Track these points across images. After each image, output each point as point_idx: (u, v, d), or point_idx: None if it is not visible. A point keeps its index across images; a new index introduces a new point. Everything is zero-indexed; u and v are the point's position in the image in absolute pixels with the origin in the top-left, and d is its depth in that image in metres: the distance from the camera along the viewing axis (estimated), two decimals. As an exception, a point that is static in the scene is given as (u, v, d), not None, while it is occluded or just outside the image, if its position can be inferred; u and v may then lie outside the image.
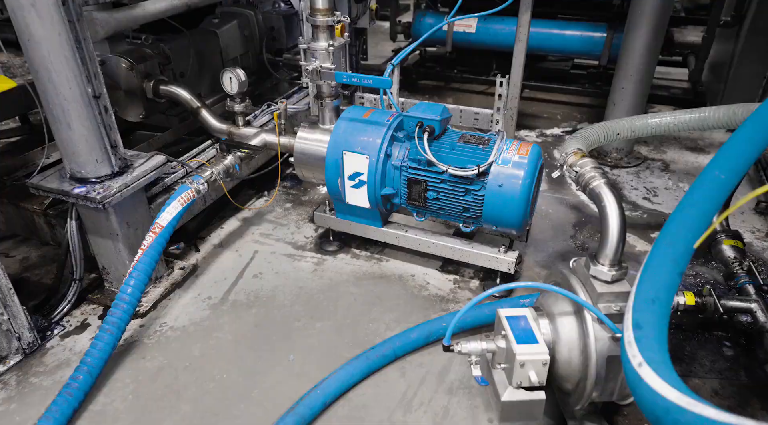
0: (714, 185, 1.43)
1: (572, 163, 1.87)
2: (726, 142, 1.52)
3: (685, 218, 1.39)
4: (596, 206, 1.74)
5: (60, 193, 2.22)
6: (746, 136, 1.50)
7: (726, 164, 1.45)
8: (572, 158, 1.88)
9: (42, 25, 1.90)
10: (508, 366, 1.70)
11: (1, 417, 2.01)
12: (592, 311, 1.62)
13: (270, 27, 3.89)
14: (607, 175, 1.83)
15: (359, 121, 2.50)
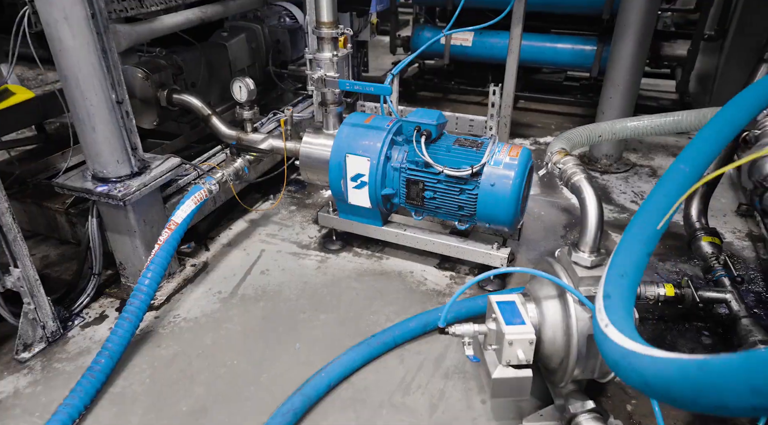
0: (678, 177, 1.60)
1: (556, 161, 2.04)
2: (691, 140, 1.69)
3: (653, 206, 1.56)
4: (577, 199, 1.91)
5: (84, 192, 2.39)
6: (707, 135, 1.68)
7: (689, 159, 1.63)
8: (556, 156, 2.06)
9: (73, 37, 2.09)
10: (498, 347, 1.86)
11: (28, 399, 2.16)
12: (574, 293, 1.78)
13: (276, 40, 4.10)
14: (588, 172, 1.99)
15: (361, 126, 2.69)
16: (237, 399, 2.16)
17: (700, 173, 1.62)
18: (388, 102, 2.77)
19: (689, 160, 1.62)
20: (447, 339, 2.44)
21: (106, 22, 2.17)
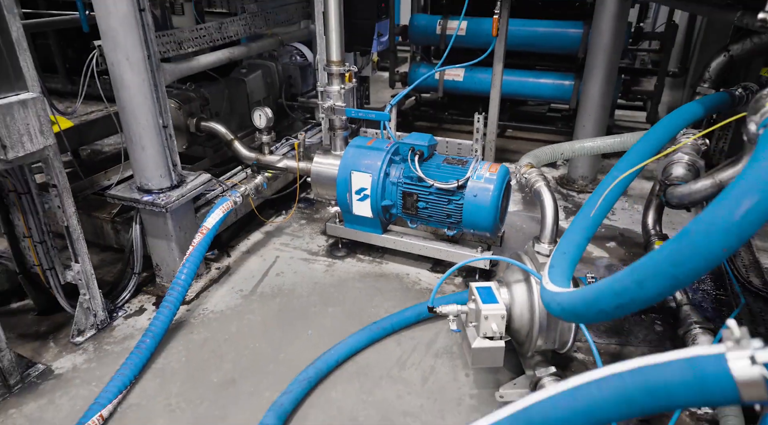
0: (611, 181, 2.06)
1: (523, 172, 2.51)
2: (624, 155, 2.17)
3: (590, 203, 2.01)
4: (537, 201, 2.37)
5: (132, 201, 2.85)
6: (636, 150, 2.15)
7: (621, 169, 2.09)
8: (524, 168, 2.52)
9: (132, 73, 2.58)
10: (477, 322, 2.28)
11: (85, 372, 2.56)
12: (535, 276, 2.21)
13: (288, 76, 4.63)
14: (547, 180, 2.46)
15: (364, 148, 3.16)
16: (259, 373, 2.57)
17: (631, 178, 2.08)
18: (387, 127, 3.26)
19: (621, 169, 2.09)
20: (438, 327, 2.86)
21: (158, 62, 2.67)
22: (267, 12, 3.87)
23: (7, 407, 2.37)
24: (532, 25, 5.08)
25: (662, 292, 1.13)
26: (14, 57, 2.14)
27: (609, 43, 3.86)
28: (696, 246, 1.06)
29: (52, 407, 2.38)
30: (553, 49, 5.13)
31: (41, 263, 2.68)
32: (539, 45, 5.15)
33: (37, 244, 2.64)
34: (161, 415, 2.34)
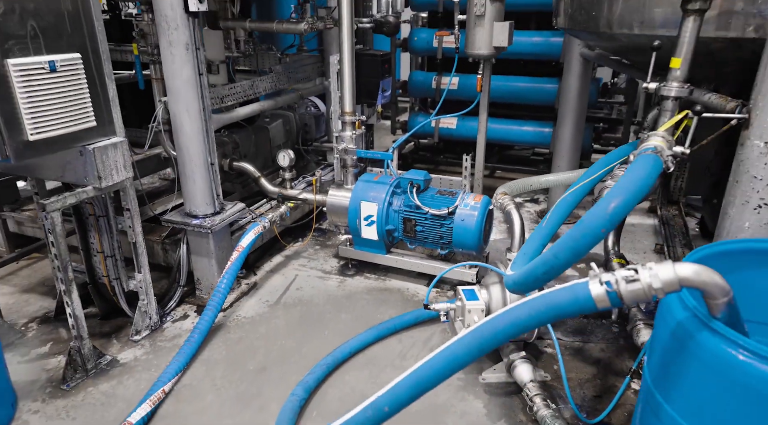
0: (564, 203, 2.71)
1: (498, 198, 3.17)
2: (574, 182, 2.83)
3: (550, 218, 2.66)
4: (508, 219, 3.02)
5: (183, 224, 3.50)
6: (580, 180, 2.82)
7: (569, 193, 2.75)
8: (499, 196, 3.19)
9: (190, 122, 3.28)
10: (462, 316, 2.88)
11: (144, 362, 3.14)
12: (500, 273, 2.83)
13: (304, 124, 5.37)
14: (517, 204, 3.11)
15: (371, 182, 3.84)
16: (286, 363, 3.14)
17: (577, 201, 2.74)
18: (390, 165, 3.94)
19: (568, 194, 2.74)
20: (432, 329, 3.44)
21: (209, 113, 3.38)
22: (289, 71, 4.64)
23: (86, 386, 2.94)
24: (515, 81, 5.86)
25: (569, 260, 1.76)
26: (110, 111, 2.83)
27: (575, 97, 4.61)
28: (587, 228, 1.71)
29: (121, 386, 2.95)
30: (534, 101, 5.89)
31: (109, 274, 3.30)
32: (522, 98, 5.92)
33: (108, 258, 3.27)
34: (209, 392, 2.91)
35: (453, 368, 1.71)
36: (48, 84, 2.48)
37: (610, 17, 2.77)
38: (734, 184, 2.07)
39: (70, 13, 2.57)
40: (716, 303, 1.37)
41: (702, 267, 1.36)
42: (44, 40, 2.47)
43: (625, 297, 1.42)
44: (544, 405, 2.61)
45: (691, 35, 2.12)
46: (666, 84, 2.25)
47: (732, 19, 2.22)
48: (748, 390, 1.33)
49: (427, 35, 5.78)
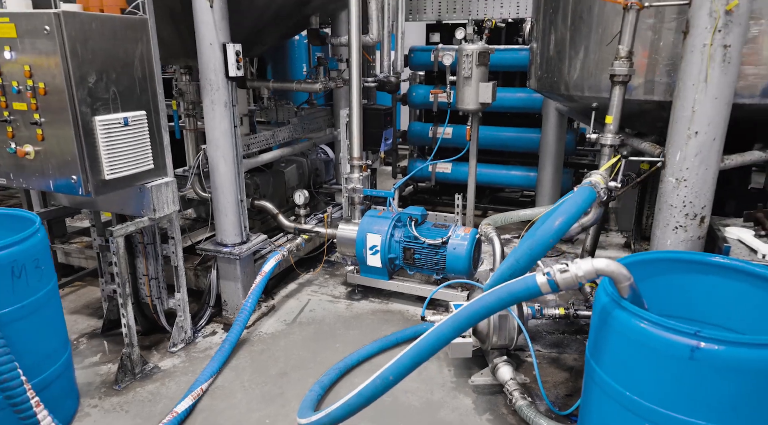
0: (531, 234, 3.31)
1: (483, 228, 3.77)
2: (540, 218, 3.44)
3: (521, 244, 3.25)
4: (490, 244, 3.61)
5: (216, 251, 4.09)
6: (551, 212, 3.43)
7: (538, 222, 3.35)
8: (483, 227, 3.79)
9: (225, 165, 3.93)
10: (453, 326, 3.42)
11: (182, 368, 3.66)
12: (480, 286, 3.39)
13: (315, 168, 6.04)
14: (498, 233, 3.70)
15: (375, 217, 4.45)
16: (303, 369, 3.66)
17: (545, 229, 3.33)
18: (392, 203, 4.57)
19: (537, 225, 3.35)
20: (429, 342, 3.96)
21: (241, 158, 4.04)
22: (304, 123, 5.34)
23: (135, 387, 3.46)
24: (503, 131, 6.58)
25: (528, 264, 2.34)
26: (163, 156, 3.48)
27: (553, 145, 5.29)
28: (539, 239, 2.31)
29: (164, 387, 3.47)
30: (520, 149, 6.58)
31: (152, 294, 3.87)
32: (509, 145, 6.62)
33: (152, 280, 3.85)
34: (239, 391, 3.43)
35: (441, 343, 2.27)
36: (121, 135, 3.13)
37: (567, 82, 3.46)
38: (658, 211, 2.68)
39: (140, 79, 3.26)
40: (622, 287, 1.95)
41: (610, 260, 1.95)
42: (121, 100, 3.14)
43: (560, 284, 2.00)
44: (522, 397, 3.12)
45: (618, 99, 2.78)
46: (603, 135, 2.90)
47: (654, 87, 2.89)
48: (647, 347, 1.89)
49: (424, 92, 6.54)
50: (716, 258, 2.30)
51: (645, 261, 2.40)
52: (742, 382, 1.75)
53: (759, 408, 1.75)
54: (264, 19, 4.30)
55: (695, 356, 1.77)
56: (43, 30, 2.76)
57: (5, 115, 3.01)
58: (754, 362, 1.72)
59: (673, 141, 2.57)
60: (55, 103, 2.89)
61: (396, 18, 5.69)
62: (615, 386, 2.02)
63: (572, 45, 3.40)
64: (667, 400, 1.86)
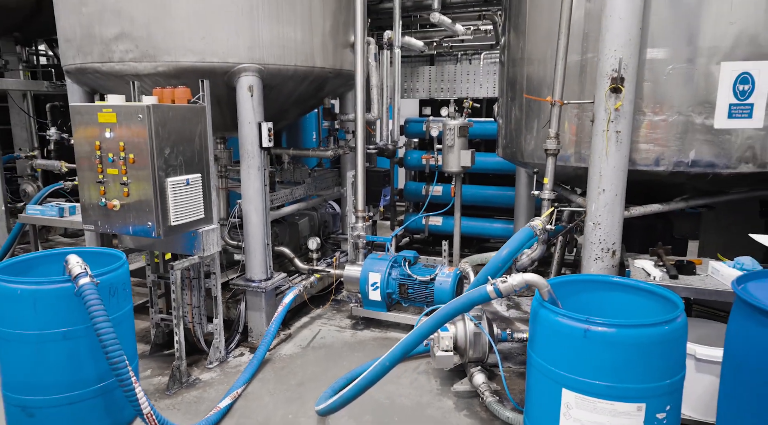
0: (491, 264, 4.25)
1: (461, 266, 4.72)
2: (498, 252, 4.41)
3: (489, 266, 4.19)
4: (467, 278, 4.54)
5: (246, 285, 5.02)
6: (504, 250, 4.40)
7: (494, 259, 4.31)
8: (462, 264, 4.74)
9: (256, 216, 4.92)
10: (438, 343, 4.30)
11: (219, 380, 4.50)
12: (467, 315, 4.30)
13: (324, 221, 7.04)
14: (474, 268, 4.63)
15: (376, 259, 5.40)
16: (317, 381, 4.50)
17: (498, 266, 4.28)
18: (390, 247, 5.54)
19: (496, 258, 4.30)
20: (420, 360, 4.82)
21: (269, 211, 5.05)
22: (316, 182, 6.40)
23: (182, 393, 4.30)
24: (485, 189, 7.65)
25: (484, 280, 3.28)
26: (210, 208, 4.48)
27: (524, 201, 6.32)
28: (493, 263, 3.27)
29: (205, 393, 4.31)
30: (501, 204, 7.62)
31: (194, 320, 4.76)
32: (492, 202, 7.66)
33: (195, 308, 4.76)
34: (266, 395, 4.27)
35: (424, 336, 3.17)
36: (184, 192, 4.15)
37: (524, 152, 4.52)
38: (584, 247, 3.65)
39: (198, 150, 4.31)
40: (543, 292, 2.89)
41: (534, 274, 2.91)
42: (185, 166, 4.17)
43: (502, 291, 2.94)
44: (491, 396, 3.98)
45: (551, 166, 3.82)
46: (542, 191, 3.92)
47: (581, 157, 3.93)
48: (558, 332, 2.80)
49: (417, 156, 7.65)
50: (616, 278, 3.26)
51: (573, 281, 3.35)
52: (617, 350, 2.66)
53: (627, 367, 2.65)
54: (288, 102, 5.43)
55: (587, 335, 2.69)
56: (137, 117, 3.83)
57: (100, 177, 4.04)
58: (622, 337, 2.65)
59: (590, 196, 3.58)
60: (140, 169, 3.92)
61: (393, 96, 6.86)
62: (541, 362, 2.92)
63: (526, 124, 4.49)
64: (571, 367, 2.76)
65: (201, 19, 4.45)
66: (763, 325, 2.24)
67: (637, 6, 3.28)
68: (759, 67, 3.36)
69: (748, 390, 2.39)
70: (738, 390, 2.47)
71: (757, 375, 2.31)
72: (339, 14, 5.34)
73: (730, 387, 2.60)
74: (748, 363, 2.35)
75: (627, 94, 3.35)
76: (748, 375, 2.37)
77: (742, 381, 2.42)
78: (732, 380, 2.54)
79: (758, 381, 2.29)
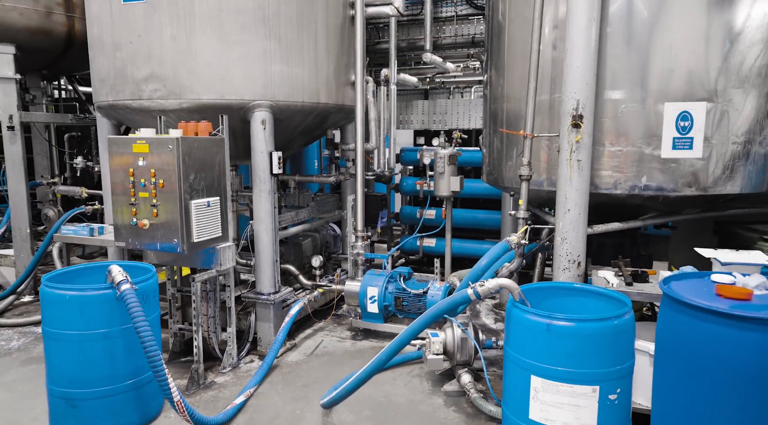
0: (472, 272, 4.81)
1: (449, 279, 5.27)
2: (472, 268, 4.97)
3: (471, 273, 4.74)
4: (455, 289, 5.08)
5: (256, 298, 5.55)
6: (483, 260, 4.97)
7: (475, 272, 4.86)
8: (450, 278, 5.29)
9: (266, 236, 5.49)
10: (429, 347, 4.82)
11: (232, 382, 5.00)
12: (455, 322, 4.83)
13: (326, 241, 7.60)
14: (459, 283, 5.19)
15: (374, 275, 5.95)
16: (321, 383, 4.99)
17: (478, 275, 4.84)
18: (386, 265, 6.09)
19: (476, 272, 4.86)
20: (413, 367, 5.32)
21: (277, 230, 5.61)
22: (319, 206, 6.99)
23: (200, 392, 4.79)
24: (475, 212, 8.24)
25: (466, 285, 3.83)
26: (227, 228, 5.04)
27: (509, 223, 6.88)
28: (472, 271, 3.83)
29: (220, 393, 4.80)
30: (490, 227, 8.20)
31: (209, 329, 5.28)
32: (481, 224, 8.25)
33: (210, 318, 5.28)
34: (275, 395, 4.76)
35: (416, 332, 3.70)
36: (205, 213, 4.72)
37: (504, 177, 5.13)
38: (554, 259, 4.22)
39: (217, 176, 4.90)
40: (515, 294, 3.44)
41: (508, 279, 3.47)
42: (206, 190, 4.76)
43: (481, 293, 3.49)
44: (476, 392, 4.48)
45: (525, 189, 4.41)
46: (518, 211, 4.51)
47: (552, 182, 4.53)
48: (527, 327, 3.35)
49: (412, 182, 8.25)
50: (578, 285, 3.82)
51: (542, 287, 3.91)
52: (574, 341, 3.21)
53: (583, 355, 3.19)
54: (295, 133, 6.06)
55: (550, 328, 3.24)
56: (168, 147, 4.43)
57: (132, 200, 4.62)
58: (579, 330, 3.20)
59: (558, 215, 4.17)
60: (168, 192, 4.50)
61: (389, 127, 7.52)
62: (514, 354, 3.46)
63: (505, 153, 5.10)
64: (537, 356, 3.29)
65: (221, 62, 5.10)
66: (677, 312, 2.79)
67: (591, 57, 3.93)
68: (695, 106, 4.00)
69: (670, 366, 2.92)
70: (663, 367, 3.00)
71: (675, 352, 2.84)
72: (341, 57, 6.01)
73: (658, 366, 3.14)
74: (669, 343, 2.88)
75: (585, 129, 3.97)
76: (669, 354, 2.90)
77: (665, 360, 2.95)
78: (659, 360, 3.08)
79: (677, 357, 2.82)
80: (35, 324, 6.36)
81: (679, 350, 2.79)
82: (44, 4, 6.84)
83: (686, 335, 2.73)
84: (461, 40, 7.51)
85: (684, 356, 2.75)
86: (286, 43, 5.33)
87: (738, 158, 4.13)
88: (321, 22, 5.64)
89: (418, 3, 7.61)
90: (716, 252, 3.86)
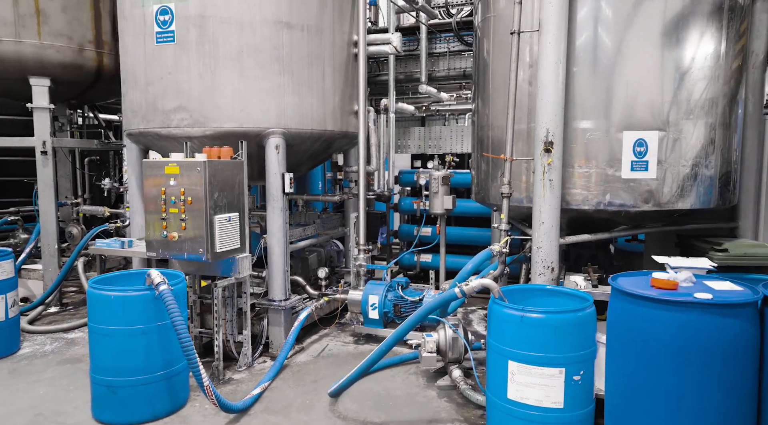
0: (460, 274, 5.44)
1: (443, 287, 5.89)
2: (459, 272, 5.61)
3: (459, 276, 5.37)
4: (447, 295, 5.72)
5: (268, 304, 6.16)
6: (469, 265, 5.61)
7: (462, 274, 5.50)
8: (444, 286, 5.90)
9: (278, 248, 6.13)
10: (424, 346, 5.42)
11: (248, 379, 5.58)
12: (446, 324, 5.44)
13: (330, 256, 8.24)
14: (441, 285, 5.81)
15: (375, 284, 6.57)
16: (327, 379, 5.57)
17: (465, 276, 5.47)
18: (386, 276, 6.73)
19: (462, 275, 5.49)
20: (410, 366, 5.91)
21: (288, 244, 6.26)
22: (324, 223, 7.65)
23: (219, 387, 5.38)
24: (468, 230, 8.90)
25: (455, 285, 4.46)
26: (245, 240, 5.69)
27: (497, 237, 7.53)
28: (460, 274, 4.47)
29: (238, 387, 5.39)
30: (482, 243, 8.80)
31: (227, 332, 5.88)
32: (473, 241, 8.89)
33: (228, 322, 5.88)
34: (287, 389, 5.35)
35: (412, 325, 4.31)
36: (227, 226, 5.38)
37: (490, 196, 5.81)
38: (532, 265, 4.86)
39: (237, 194, 5.57)
40: (494, 291, 4.07)
41: (488, 280, 4.11)
42: (227, 206, 5.42)
43: (466, 292, 4.13)
44: (465, 383, 5.08)
45: (506, 205, 5.08)
46: (500, 224, 5.17)
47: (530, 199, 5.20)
48: (504, 319, 3.97)
49: (409, 201, 8.93)
50: (550, 286, 4.46)
51: (520, 289, 4.55)
52: (544, 330, 3.83)
53: (551, 342, 3.81)
54: (304, 157, 6.76)
55: (523, 320, 3.87)
56: (197, 169, 5.11)
57: (164, 215, 5.27)
58: (547, 320, 3.83)
59: (534, 227, 4.83)
60: (195, 208, 5.16)
61: (389, 151, 8.23)
62: (494, 343, 4.07)
63: (491, 174, 5.78)
64: (513, 344, 3.91)
65: (241, 95, 5.82)
66: (621, 300, 3.42)
67: (559, 93, 4.64)
68: (649, 135, 4.69)
69: (616, 343, 3.54)
70: (611, 345, 3.63)
71: (619, 332, 3.47)
72: (346, 89, 6.74)
73: (609, 344, 3.75)
74: (616, 326, 3.51)
75: (556, 153, 4.65)
76: (615, 333, 3.53)
77: (613, 338, 3.58)
78: (609, 340, 3.70)
79: (621, 335, 3.45)
80: (64, 330, 6.95)
81: (622, 330, 3.41)
82: (78, 41, 7.60)
83: (627, 317, 3.36)
84: (453, 72, 8.28)
85: (625, 334, 3.38)
86: (298, 78, 6.06)
87: (688, 179, 4.82)
88: (328, 59, 6.39)
89: (414, 40, 8.40)
90: (668, 259, 4.50)
